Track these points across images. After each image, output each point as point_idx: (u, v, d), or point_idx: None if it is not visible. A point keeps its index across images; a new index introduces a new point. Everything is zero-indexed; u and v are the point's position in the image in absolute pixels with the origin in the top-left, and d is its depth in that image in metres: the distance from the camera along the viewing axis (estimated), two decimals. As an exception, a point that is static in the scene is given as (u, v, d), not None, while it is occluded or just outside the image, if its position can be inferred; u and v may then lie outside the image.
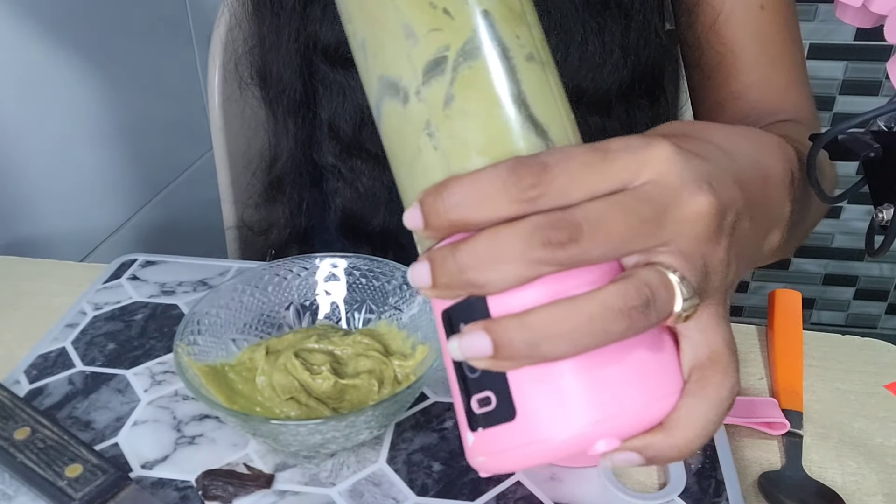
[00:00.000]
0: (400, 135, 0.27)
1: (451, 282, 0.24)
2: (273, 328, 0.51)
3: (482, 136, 0.26)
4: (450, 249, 0.24)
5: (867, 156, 0.37)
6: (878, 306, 1.80)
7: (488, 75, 0.26)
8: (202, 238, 1.04)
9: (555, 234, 0.23)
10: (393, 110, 0.27)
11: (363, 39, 0.28)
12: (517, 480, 0.42)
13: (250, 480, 0.42)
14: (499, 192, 0.24)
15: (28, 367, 0.51)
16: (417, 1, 0.26)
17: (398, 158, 0.28)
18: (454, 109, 0.26)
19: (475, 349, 0.24)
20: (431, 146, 0.26)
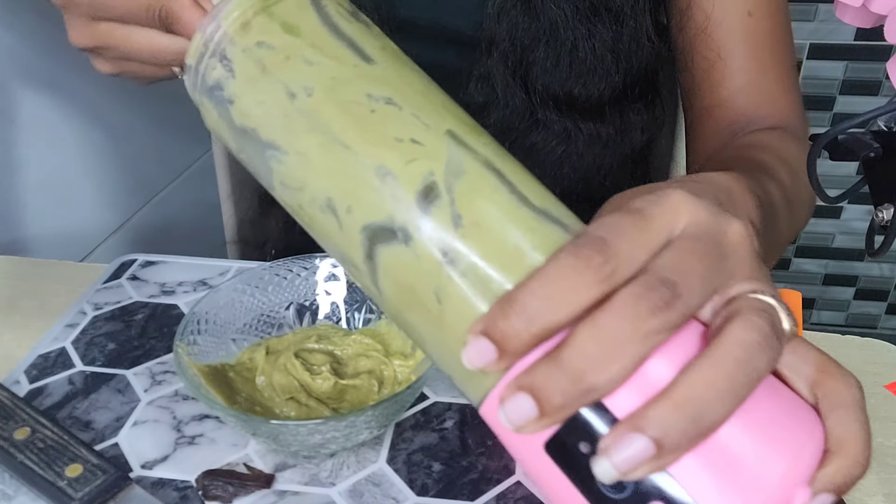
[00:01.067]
0: (413, 281, 0.24)
1: (567, 399, 0.21)
2: (273, 328, 0.51)
3: (509, 243, 0.24)
4: (552, 363, 0.21)
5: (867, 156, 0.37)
6: (878, 306, 1.80)
7: (484, 185, 0.25)
8: (202, 238, 1.04)
9: (658, 295, 0.22)
10: (396, 257, 0.25)
11: (327, 199, 0.25)
12: (517, 480, 0.42)
13: (250, 480, 0.42)
14: (576, 281, 0.22)
15: (28, 367, 0.51)
16: (381, 141, 0.25)
17: (417, 308, 0.25)
18: (468, 227, 0.24)
19: (635, 458, 0.21)
20: (458, 276, 0.24)
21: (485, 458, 0.43)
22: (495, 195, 0.25)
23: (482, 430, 0.45)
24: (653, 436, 0.20)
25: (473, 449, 0.44)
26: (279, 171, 0.26)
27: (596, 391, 0.21)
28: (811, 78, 1.56)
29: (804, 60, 1.55)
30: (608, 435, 0.21)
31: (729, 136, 0.59)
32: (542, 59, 0.59)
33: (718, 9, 0.58)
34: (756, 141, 0.56)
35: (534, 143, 0.61)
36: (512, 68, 0.59)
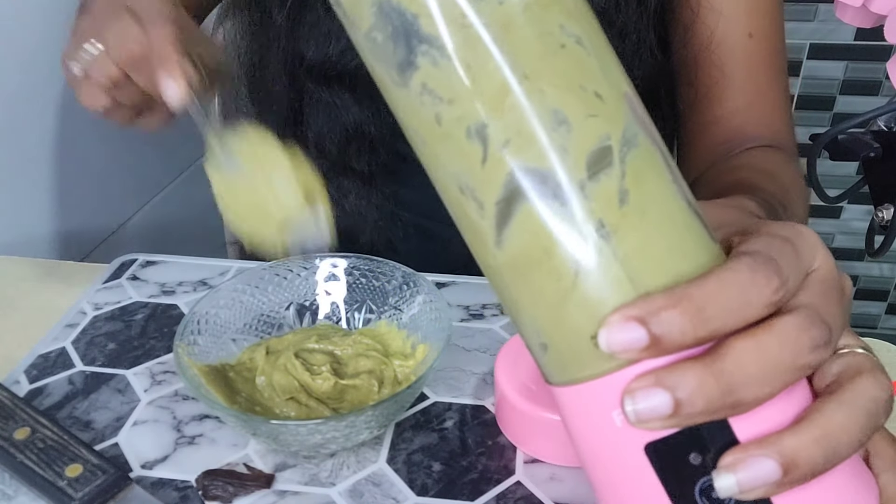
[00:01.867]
0: (552, 244, 0.22)
1: (709, 408, 0.21)
2: (273, 328, 0.51)
3: (671, 236, 0.22)
4: (706, 369, 0.21)
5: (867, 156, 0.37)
6: (878, 306, 1.80)
7: (653, 166, 0.23)
8: (202, 238, 1.04)
9: (819, 333, 0.22)
10: (540, 213, 0.22)
11: (481, 125, 0.22)
12: (517, 480, 0.42)
13: (250, 480, 0.42)
14: (753, 297, 0.22)
15: (28, 367, 0.51)
16: (566, 84, 0.22)
17: (543, 272, 0.23)
18: (632, 207, 0.22)
19: (759, 479, 0.21)
20: (610, 253, 0.22)
21: (485, 458, 0.43)
22: (661, 179, 0.23)
23: (482, 430, 0.45)
24: (783, 462, 0.21)
25: (473, 449, 0.44)
26: (428, 73, 0.22)
27: (739, 408, 0.21)
28: (811, 78, 1.56)
29: (804, 60, 1.55)
30: (739, 451, 0.21)
31: (723, 153, 0.60)
32: None
33: (722, 27, 0.59)
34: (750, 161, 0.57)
35: None
36: None
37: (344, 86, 0.63)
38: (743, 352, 0.21)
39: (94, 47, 0.46)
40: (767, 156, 0.57)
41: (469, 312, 0.56)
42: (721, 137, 0.61)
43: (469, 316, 0.56)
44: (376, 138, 0.64)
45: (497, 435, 0.45)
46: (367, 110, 0.63)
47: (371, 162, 0.65)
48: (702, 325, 0.21)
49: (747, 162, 0.57)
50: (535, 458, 0.43)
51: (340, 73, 0.62)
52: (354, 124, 0.64)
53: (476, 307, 0.57)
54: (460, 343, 0.53)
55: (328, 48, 0.62)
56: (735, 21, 0.59)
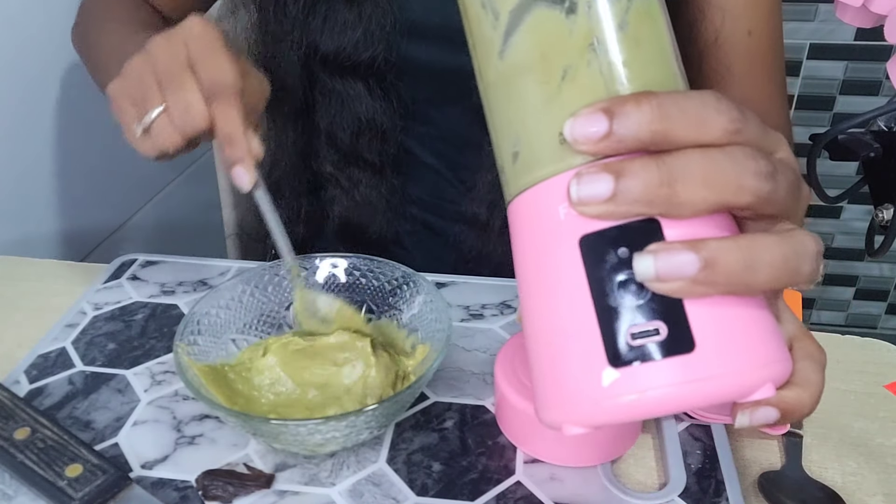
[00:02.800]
0: (549, 49, 0.25)
1: (646, 196, 0.23)
2: (273, 328, 0.51)
3: (649, 71, 0.24)
4: (652, 161, 0.23)
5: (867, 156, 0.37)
6: (878, 306, 1.80)
7: (657, 12, 0.25)
8: (202, 238, 1.04)
9: (766, 164, 0.23)
10: (548, 20, 0.24)
11: None
12: (517, 480, 0.42)
13: (250, 480, 0.42)
14: (713, 119, 0.23)
15: (28, 367, 0.51)
16: None
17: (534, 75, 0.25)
18: (628, 36, 0.24)
19: (677, 269, 0.22)
20: (597, 66, 0.24)
21: (485, 458, 0.43)
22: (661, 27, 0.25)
23: (482, 430, 0.45)
24: (705, 257, 0.22)
25: (473, 449, 0.44)
26: None
27: (673, 205, 0.23)
28: (811, 78, 1.56)
29: (804, 60, 1.55)
30: (665, 242, 0.23)
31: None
32: None
33: (727, 25, 0.60)
34: None
35: None
36: None
37: (357, 76, 0.63)
38: (691, 154, 0.23)
39: (156, 111, 0.44)
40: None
41: (469, 312, 0.56)
42: None
43: (469, 316, 0.56)
44: (388, 129, 0.64)
45: (497, 435, 0.45)
46: (379, 101, 0.63)
47: (382, 152, 0.66)
48: (659, 119, 0.23)
49: None
50: (535, 458, 0.43)
51: (354, 64, 0.62)
52: (366, 115, 0.64)
53: (476, 307, 0.57)
54: (460, 343, 0.53)
55: (342, 39, 0.62)
56: (735, 18, 0.60)
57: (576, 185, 0.23)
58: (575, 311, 0.24)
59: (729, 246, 0.23)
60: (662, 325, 0.23)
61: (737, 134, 0.24)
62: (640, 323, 0.23)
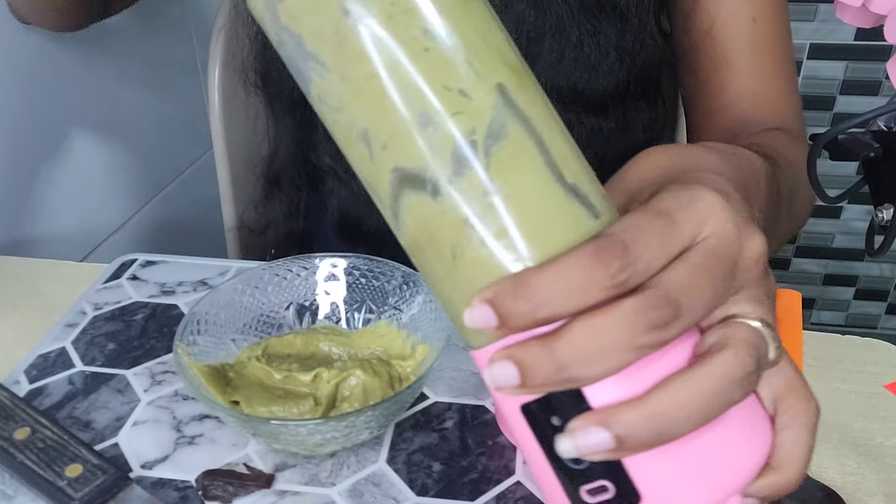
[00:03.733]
0: (433, 230, 0.25)
1: (547, 382, 0.23)
2: (273, 328, 0.51)
3: (533, 221, 0.24)
4: (543, 348, 0.23)
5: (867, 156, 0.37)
6: (878, 306, 1.80)
7: (522, 154, 0.24)
8: (202, 238, 1.04)
9: (658, 315, 0.23)
10: (420, 205, 0.24)
11: (363, 130, 0.25)
12: (517, 480, 0.42)
13: (250, 480, 0.42)
14: (589, 282, 0.22)
15: (28, 367, 0.51)
16: (431, 85, 0.24)
17: (431, 254, 0.25)
18: (497, 198, 0.24)
19: (594, 445, 0.23)
20: (477, 240, 0.24)
21: (485, 458, 0.43)
22: (531, 166, 0.24)
23: (482, 430, 0.45)
24: (616, 434, 0.23)
25: (473, 449, 0.44)
26: (319, 86, 0.25)
27: (576, 383, 0.23)
28: (811, 78, 1.56)
29: (804, 60, 1.55)
30: (579, 420, 0.23)
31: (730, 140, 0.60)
32: (548, 53, 0.59)
33: (724, 13, 0.59)
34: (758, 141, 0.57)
35: None
36: None
37: None
38: (577, 331, 0.23)
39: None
40: (773, 135, 0.57)
41: (469, 312, 0.56)
42: (727, 124, 0.61)
43: (469, 316, 0.56)
44: None
45: (497, 435, 0.45)
46: None
47: None
48: (537, 309, 0.23)
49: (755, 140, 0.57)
50: (535, 458, 0.43)
51: None
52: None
53: (476, 307, 0.57)
54: (460, 343, 0.53)
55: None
56: (739, 6, 0.59)
57: (488, 373, 0.24)
58: (542, 468, 0.26)
59: (636, 418, 0.23)
60: (609, 484, 0.24)
61: (623, 280, 0.23)
62: (588, 484, 0.25)
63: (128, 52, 0.93)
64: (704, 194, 0.25)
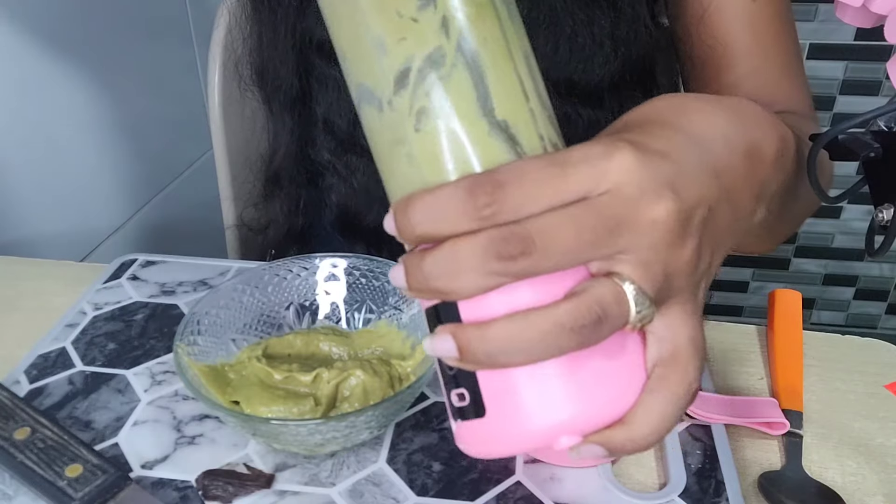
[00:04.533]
0: (378, 140, 0.28)
1: (421, 287, 0.26)
2: (273, 328, 0.51)
3: (450, 147, 0.26)
4: (418, 258, 0.26)
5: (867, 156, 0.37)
6: (878, 306, 1.80)
7: (454, 84, 0.26)
8: (202, 238, 1.04)
9: (506, 247, 0.25)
10: (370, 116, 0.28)
11: (341, 49, 0.28)
12: (517, 480, 0.42)
13: (250, 480, 0.42)
14: (457, 210, 0.25)
15: (28, 367, 0.51)
16: (385, 12, 0.26)
17: (379, 160, 0.29)
18: (422, 121, 0.26)
19: (443, 350, 0.26)
20: (405, 155, 0.27)
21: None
22: (460, 97, 0.26)
23: (482, 430, 0.45)
24: (458, 346, 0.26)
25: (473, 449, 0.44)
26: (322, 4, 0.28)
27: (441, 294, 0.26)
28: (811, 78, 1.55)
29: (804, 60, 1.55)
30: (440, 327, 0.26)
31: None
32: (542, 45, 0.59)
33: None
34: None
35: None
36: None
37: None
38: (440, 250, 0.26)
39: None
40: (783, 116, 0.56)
41: (469, 312, 0.56)
42: None
43: (469, 316, 0.56)
44: None
45: (497, 435, 0.45)
46: None
47: None
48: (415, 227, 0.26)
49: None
50: (535, 458, 0.43)
51: None
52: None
53: (476, 307, 0.57)
54: (460, 343, 0.53)
55: None
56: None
57: (392, 271, 0.27)
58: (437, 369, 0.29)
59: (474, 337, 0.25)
60: (466, 392, 0.28)
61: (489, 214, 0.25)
62: (455, 389, 0.28)
63: (128, 52, 0.93)
64: (618, 152, 0.26)
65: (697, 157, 0.29)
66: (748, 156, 0.32)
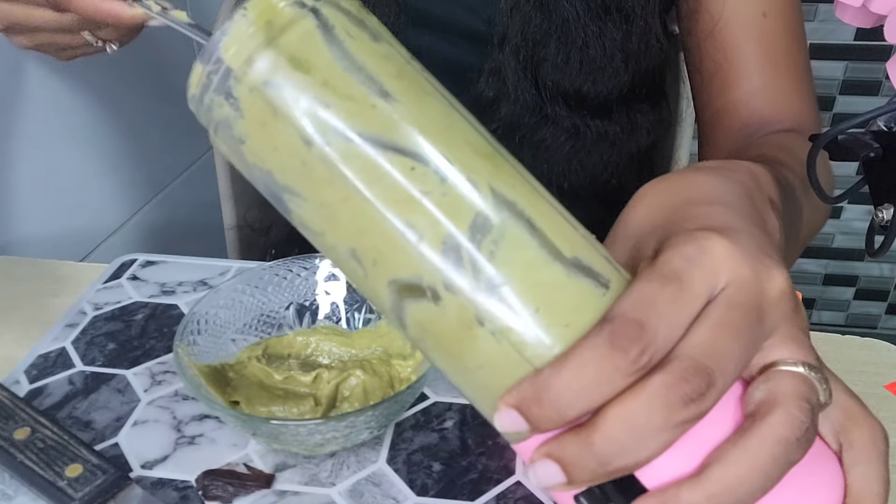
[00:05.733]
0: (442, 335, 0.24)
1: (594, 476, 0.22)
2: (273, 328, 0.51)
3: (540, 308, 0.23)
4: (582, 444, 0.22)
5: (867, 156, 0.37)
6: (878, 306, 1.80)
7: (513, 241, 0.23)
8: (202, 238, 1.04)
9: (691, 387, 0.21)
10: (423, 312, 0.24)
11: (350, 249, 0.24)
12: (517, 480, 0.42)
13: (250, 480, 0.42)
14: (611, 372, 0.21)
15: (28, 367, 0.51)
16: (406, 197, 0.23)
17: (443, 358, 0.25)
18: (496, 292, 0.23)
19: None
20: (491, 338, 0.23)
21: (485, 458, 0.43)
22: (525, 252, 0.23)
23: (482, 430, 0.45)
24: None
25: (473, 449, 0.44)
26: (298, 215, 0.25)
27: (623, 471, 0.22)
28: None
29: (804, 61, 1.55)
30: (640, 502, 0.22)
31: (743, 139, 0.59)
32: (553, 56, 0.59)
33: (730, 10, 0.58)
34: (773, 142, 0.56)
35: (542, 138, 0.62)
36: (523, 63, 0.60)
37: None
38: (611, 423, 0.22)
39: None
40: (788, 136, 0.56)
41: (469, 312, 0.56)
42: (739, 123, 0.59)
43: (469, 316, 0.56)
44: None
45: (497, 435, 0.45)
46: None
47: None
48: (566, 410, 0.22)
49: (768, 141, 0.56)
50: (535, 458, 0.43)
51: None
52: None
53: (476, 307, 0.57)
54: (460, 343, 0.53)
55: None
56: (747, 1, 0.58)
57: (533, 475, 0.23)
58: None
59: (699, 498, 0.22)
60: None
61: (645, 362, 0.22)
62: None
63: (128, 51, 0.93)
64: (710, 244, 0.24)
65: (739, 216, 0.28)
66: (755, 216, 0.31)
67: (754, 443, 0.22)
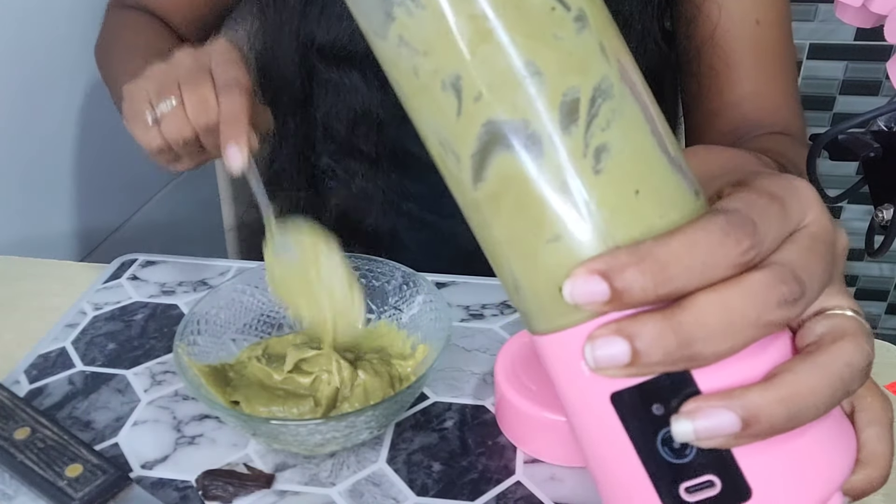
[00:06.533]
0: (527, 195, 0.22)
1: (666, 360, 0.21)
2: (273, 328, 0.51)
3: (643, 191, 0.22)
4: (667, 324, 0.21)
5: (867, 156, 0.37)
6: (878, 306, 1.80)
7: (630, 117, 0.22)
8: (202, 238, 1.04)
9: (788, 290, 0.21)
10: (514, 165, 0.22)
11: (456, 76, 0.22)
12: (517, 480, 0.42)
13: (250, 480, 0.42)
14: (721, 258, 0.21)
15: (28, 367, 0.51)
16: (540, 35, 0.21)
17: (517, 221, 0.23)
18: (605, 161, 0.22)
19: (717, 429, 0.21)
20: (582, 207, 0.22)
21: (485, 458, 0.43)
22: (638, 132, 0.22)
23: (482, 430, 0.45)
24: (744, 416, 0.21)
25: (473, 449, 0.44)
26: (404, 24, 0.22)
27: (697, 361, 0.21)
28: (811, 78, 1.56)
29: (804, 60, 1.55)
30: (697, 401, 0.21)
31: (734, 140, 0.60)
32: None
33: (726, 17, 0.60)
34: (765, 142, 0.57)
35: None
36: None
37: (353, 67, 0.64)
38: (705, 305, 0.21)
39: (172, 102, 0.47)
40: (778, 139, 0.58)
41: (469, 312, 0.56)
42: (728, 125, 0.61)
43: (469, 316, 0.56)
44: (384, 120, 0.65)
45: (497, 435, 0.45)
46: (376, 92, 0.64)
47: (378, 144, 0.66)
48: (663, 283, 0.21)
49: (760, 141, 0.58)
50: (535, 458, 0.43)
51: (350, 54, 0.63)
52: (362, 106, 0.64)
53: (476, 307, 0.57)
54: (460, 343, 0.53)
55: (338, 29, 0.63)
56: (743, 9, 0.59)
57: (590, 350, 0.22)
58: (625, 467, 0.23)
59: (769, 399, 0.21)
60: (715, 478, 0.22)
61: (751, 258, 0.22)
62: (690, 480, 0.22)
63: (128, 52, 0.93)
64: (799, 183, 0.25)
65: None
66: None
67: (826, 360, 0.23)
